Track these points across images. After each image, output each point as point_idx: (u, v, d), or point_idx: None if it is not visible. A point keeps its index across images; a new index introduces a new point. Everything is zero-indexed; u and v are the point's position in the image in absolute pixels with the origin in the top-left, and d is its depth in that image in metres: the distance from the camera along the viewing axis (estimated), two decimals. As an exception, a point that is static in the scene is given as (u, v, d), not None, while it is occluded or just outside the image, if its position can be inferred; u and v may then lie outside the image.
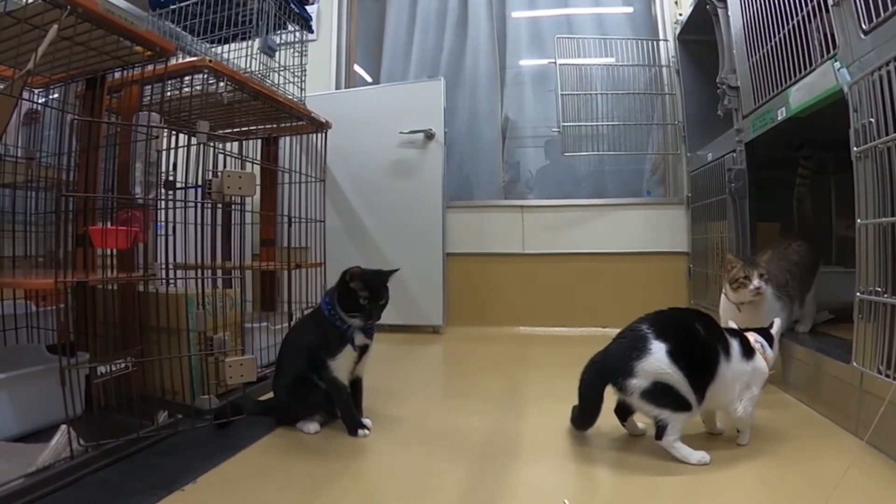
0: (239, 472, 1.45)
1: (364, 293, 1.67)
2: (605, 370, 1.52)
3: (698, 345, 1.47)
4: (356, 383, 1.80)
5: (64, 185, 1.86)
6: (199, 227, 1.82)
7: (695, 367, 1.44)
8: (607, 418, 1.59)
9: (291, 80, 2.70)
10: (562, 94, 3.62)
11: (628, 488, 1.35)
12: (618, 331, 1.59)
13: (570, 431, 1.70)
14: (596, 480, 1.43)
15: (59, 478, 1.30)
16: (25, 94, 1.84)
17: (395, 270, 1.78)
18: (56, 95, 1.96)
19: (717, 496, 1.28)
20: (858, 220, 1.58)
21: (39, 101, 2.01)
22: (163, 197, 1.82)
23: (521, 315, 3.76)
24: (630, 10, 4.04)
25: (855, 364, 1.57)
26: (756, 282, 1.94)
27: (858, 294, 1.58)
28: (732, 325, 1.72)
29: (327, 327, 1.72)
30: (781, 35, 2.06)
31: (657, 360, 1.43)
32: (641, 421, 1.62)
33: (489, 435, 1.72)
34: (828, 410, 1.78)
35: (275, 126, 2.82)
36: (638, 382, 1.44)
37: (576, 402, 1.60)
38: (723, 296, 2.11)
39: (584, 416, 1.58)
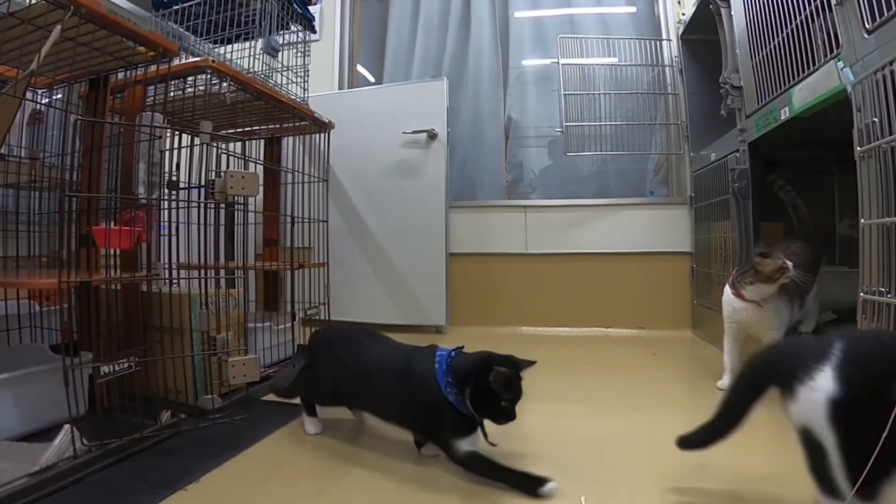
0: (242, 471, 1.46)
1: (507, 396, 1.36)
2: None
3: None
4: None
5: (67, 185, 1.87)
6: (202, 228, 1.82)
7: None
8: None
9: (294, 80, 2.70)
10: (565, 94, 3.61)
11: (630, 488, 1.35)
12: (621, 331, 1.59)
13: (572, 431, 1.69)
14: (602, 481, 1.43)
15: (62, 477, 1.31)
16: (29, 95, 1.85)
17: (532, 363, 1.44)
18: (59, 96, 1.97)
19: (718, 490, 1.28)
20: (862, 220, 1.58)
21: (43, 101, 2.02)
22: (166, 197, 1.82)
23: (524, 315, 3.75)
24: (633, 9, 4.03)
25: (858, 364, 1.56)
26: (788, 262, 1.92)
27: (862, 294, 1.57)
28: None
29: (448, 411, 1.41)
30: (784, 34, 2.06)
31: None
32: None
33: (491, 435, 1.72)
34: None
35: (278, 126, 2.83)
36: None
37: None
38: (732, 297, 2.07)
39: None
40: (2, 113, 1.37)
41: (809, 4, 1.88)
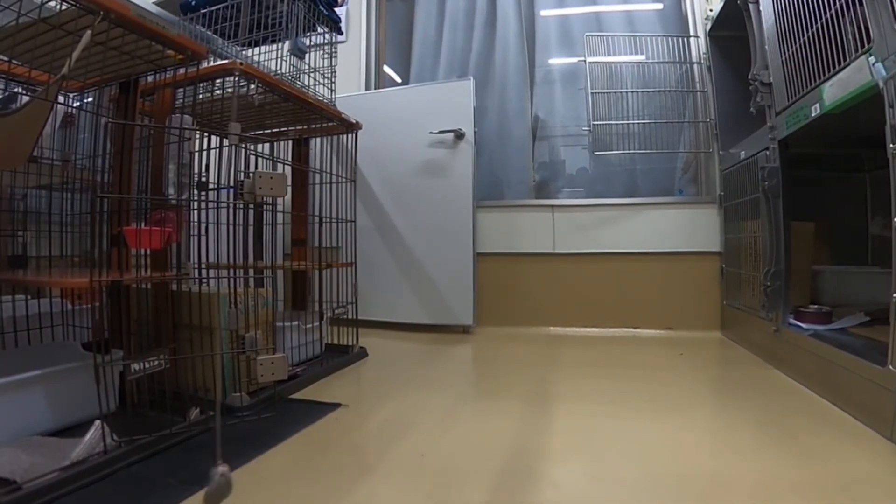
0: (270, 468, 1.47)
1: None
2: None
3: None
4: None
5: (99, 186, 1.91)
6: (231, 228, 1.85)
7: None
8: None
9: (321, 81, 2.72)
10: (592, 93, 3.59)
11: (657, 490, 1.34)
12: (649, 331, 1.58)
13: (600, 432, 1.68)
14: (625, 482, 1.42)
15: (92, 472, 1.34)
16: (61, 99, 1.89)
17: None
18: (90, 99, 2.01)
19: (746, 498, 1.26)
20: (895, 220, 1.55)
21: (74, 104, 2.06)
22: (195, 198, 1.85)
23: (552, 315, 3.74)
24: (660, 6, 3.98)
25: (891, 367, 1.54)
26: None
27: (894, 295, 1.54)
28: None
29: None
30: (814, 29, 2.02)
31: None
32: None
33: (518, 435, 1.72)
34: (862, 414, 1.74)
35: (305, 127, 2.86)
36: None
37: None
38: None
39: None
40: (35, 116, 1.40)
41: (840, -2, 1.85)
